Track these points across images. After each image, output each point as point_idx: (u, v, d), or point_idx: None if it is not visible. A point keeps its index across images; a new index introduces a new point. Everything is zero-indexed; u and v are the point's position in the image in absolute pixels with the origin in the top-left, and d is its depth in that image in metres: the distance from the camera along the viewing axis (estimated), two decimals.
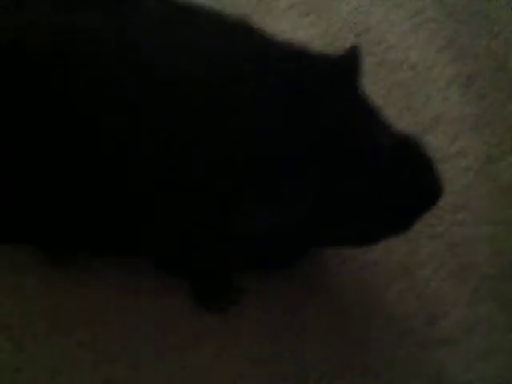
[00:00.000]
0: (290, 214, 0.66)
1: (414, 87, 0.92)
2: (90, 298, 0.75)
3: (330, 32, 0.96)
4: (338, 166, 0.65)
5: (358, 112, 0.68)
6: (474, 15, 0.99)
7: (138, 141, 0.67)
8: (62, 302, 0.75)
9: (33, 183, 0.70)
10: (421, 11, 0.98)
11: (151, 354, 0.73)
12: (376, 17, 0.98)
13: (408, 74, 0.93)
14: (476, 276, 0.79)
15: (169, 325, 0.74)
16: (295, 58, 0.68)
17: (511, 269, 0.79)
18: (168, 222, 0.70)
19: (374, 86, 0.91)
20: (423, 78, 0.93)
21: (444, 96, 0.91)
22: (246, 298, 0.75)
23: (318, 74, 0.67)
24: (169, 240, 0.71)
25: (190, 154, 0.66)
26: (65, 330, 0.73)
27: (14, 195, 0.72)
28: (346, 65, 0.69)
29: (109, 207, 0.70)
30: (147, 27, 0.69)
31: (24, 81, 0.68)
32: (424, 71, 0.93)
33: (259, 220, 0.66)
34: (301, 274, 0.77)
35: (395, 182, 0.67)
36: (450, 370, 0.73)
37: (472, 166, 0.86)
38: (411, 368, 0.73)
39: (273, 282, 0.76)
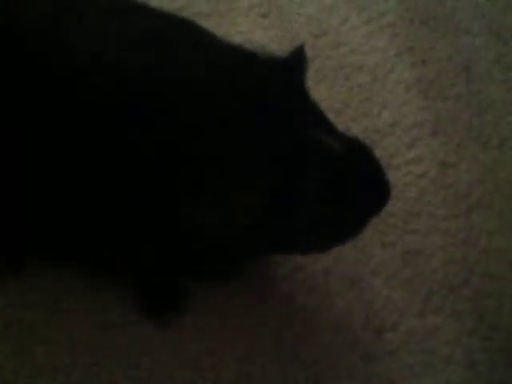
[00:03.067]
0: (236, 217, 0.65)
1: (372, 92, 0.91)
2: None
3: (288, 34, 0.95)
4: (283, 168, 0.64)
5: (301, 113, 0.66)
6: (434, 20, 0.98)
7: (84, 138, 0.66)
8: None
9: None
10: (381, 15, 0.97)
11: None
12: (336, 20, 0.97)
13: (366, 78, 0.92)
14: (427, 286, 0.78)
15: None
16: (237, 58, 0.67)
17: (463, 277, 0.79)
18: (114, 225, 0.68)
19: (332, 89, 0.90)
20: (382, 82, 0.92)
21: (402, 101, 0.90)
22: (190, 306, 0.74)
23: (259, 75, 0.66)
24: (115, 244, 0.70)
25: (136, 155, 0.65)
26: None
27: None
28: (291, 66, 0.67)
29: (51, 211, 0.69)
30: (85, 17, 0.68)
31: None
32: (383, 76, 0.92)
33: (206, 221, 0.65)
34: (249, 282, 0.76)
35: (342, 185, 0.65)
36: (397, 382, 0.72)
37: (427, 172, 0.85)
38: (358, 380, 0.72)
39: (220, 289, 0.75)
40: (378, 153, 0.84)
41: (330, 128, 0.68)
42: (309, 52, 0.92)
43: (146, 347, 0.72)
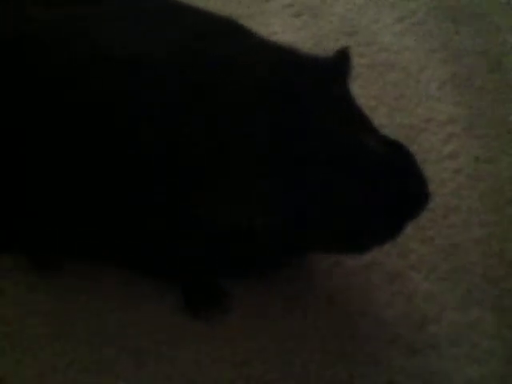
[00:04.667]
0: (268, 213, 0.65)
1: (405, 89, 0.91)
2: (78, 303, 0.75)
3: (321, 33, 0.96)
4: (322, 168, 0.64)
5: (345, 114, 0.67)
6: (466, 17, 0.98)
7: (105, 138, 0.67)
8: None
9: (17, 188, 0.70)
10: (413, 13, 0.98)
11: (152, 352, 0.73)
12: (368, 18, 0.98)
13: (399, 75, 0.93)
14: (467, 279, 0.78)
15: (156, 327, 0.74)
16: (284, 58, 0.68)
17: (503, 271, 0.79)
18: (150, 226, 0.69)
19: (366, 87, 0.91)
20: (415, 79, 0.92)
21: (435, 98, 0.91)
22: (234, 303, 0.75)
23: (306, 75, 0.66)
24: (155, 244, 0.71)
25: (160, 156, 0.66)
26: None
27: None
28: (336, 67, 0.68)
29: (91, 213, 0.69)
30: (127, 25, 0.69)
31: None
32: (415, 73, 0.93)
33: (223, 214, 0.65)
34: (291, 277, 0.76)
35: (382, 187, 0.66)
36: (439, 375, 0.72)
37: (463, 167, 0.85)
38: (401, 372, 0.72)
39: (262, 285, 0.75)
40: (413, 149, 0.85)
41: (371, 130, 0.69)
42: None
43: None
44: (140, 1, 0.72)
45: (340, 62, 0.69)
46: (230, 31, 0.71)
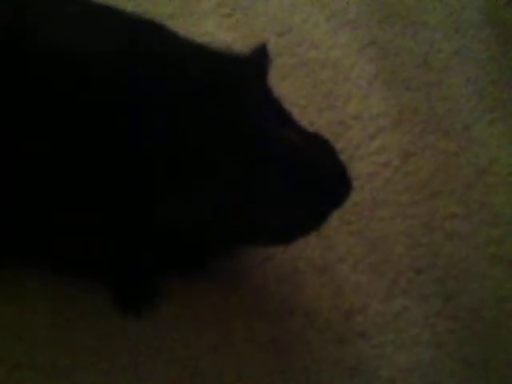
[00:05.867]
0: (197, 204, 0.67)
1: (335, 86, 0.94)
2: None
3: (253, 33, 0.98)
4: (244, 161, 0.66)
5: (263, 108, 0.68)
6: (393, 15, 1.01)
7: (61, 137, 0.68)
8: None
9: None
10: (342, 12, 1.00)
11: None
12: (299, 17, 1.00)
13: (330, 73, 0.95)
14: (394, 270, 0.80)
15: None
16: (201, 56, 0.69)
17: (428, 262, 0.81)
18: (88, 219, 0.70)
19: (296, 85, 0.93)
20: (344, 76, 0.94)
21: (365, 94, 0.93)
22: (164, 299, 0.76)
23: (224, 71, 0.68)
24: (87, 239, 0.72)
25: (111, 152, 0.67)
26: None
27: None
28: (255, 63, 0.70)
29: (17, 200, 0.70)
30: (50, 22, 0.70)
31: None
32: (345, 70, 0.95)
33: (175, 212, 0.67)
34: (220, 273, 0.78)
35: (303, 177, 0.68)
36: (368, 364, 0.75)
37: (391, 161, 0.88)
38: (330, 361, 0.74)
39: (191, 281, 0.76)
40: (342, 144, 0.88)
41: (291, 122, 0.71)
42: (273, 50, 0.95)
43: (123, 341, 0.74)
44: (64, 5, 0.73)
45: (258, 58, 0.70)
46: (154, 32, 0.72)
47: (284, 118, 0.70)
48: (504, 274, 0.81)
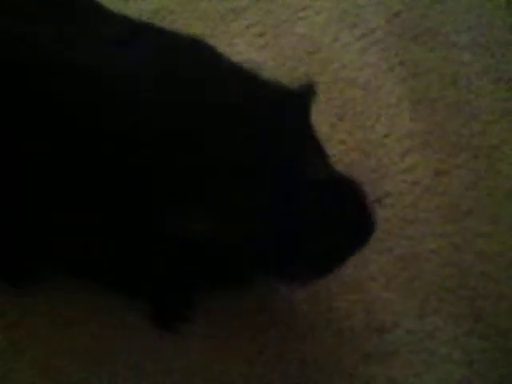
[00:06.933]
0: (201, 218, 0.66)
1: (364, 105, 0.94)
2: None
3: (283, 52, 0.99)
4: (266, 194, 0.65)
5: (302, 145, 0.69)
6: (422, 34, 1.01)
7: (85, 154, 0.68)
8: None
9: None
10: (371, 32, 1.01)
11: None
12: (329, 37, 1.01)
13: (359, 92, 0.95)
14: (425, 288, 0.80)
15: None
16: (248, 83, 0.70)
17: (459, 280, 0.81)
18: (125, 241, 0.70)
19: (327, 103, 0.94)
20: (374, 96, 0.95)
21: (393, 113, 0.94)
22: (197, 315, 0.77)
23: (269, 102, 0.68)
24: (131, 260, 0.72)
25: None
26: None
27: None
28: (300, 99, 0.70)
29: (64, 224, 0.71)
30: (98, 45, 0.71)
31: None
32: (374, 89, 0.96)
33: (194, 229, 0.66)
34: (251, 290, 0.78)
35: (325, 218, 0.67)
36: (398, 382, 0.75)
37: (421, 180, 0.88)
38: (360, 379, 0.74)
39: (224, 300, 0.77)
40: (372, 163, 0.89)
41: (323, 162, 0.71)
42: (303, 69, 0.97)
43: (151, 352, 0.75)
44: (104, 20, 0.74)
45: (304, 94, 0.70)
46: (197, 51, 0.73)
47: (317, 157, 0.70)
48: None
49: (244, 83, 0.70)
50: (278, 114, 0.68)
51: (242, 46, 1.00)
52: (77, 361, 0.74)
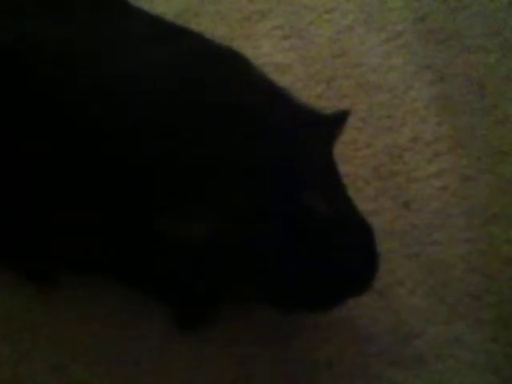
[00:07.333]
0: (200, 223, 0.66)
1: (391, 109, 0.94)
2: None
3: (309, 55, 0.99)
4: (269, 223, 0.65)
5: (321, 176, 0.68)
6: (449, 38, 1.01)
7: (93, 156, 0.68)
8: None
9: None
10: (398, 35, 1.01)
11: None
12: (355, 40, 1.00)
13: (385, 96, 0.95)
14: (452, 294, 0.80)
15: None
16: (278, 104, 0.69)
17: (485, 286, 0.81)
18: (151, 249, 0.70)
19: (353, 107, 0.93)
20: (400, 99, 0.95)
21: (421, 117, 0.93)
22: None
23: (297, 125, 0.67)
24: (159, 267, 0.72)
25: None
26: None
27: None
28: (329, 125, 0.69)
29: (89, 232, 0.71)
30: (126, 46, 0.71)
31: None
32: (401, 93, 0.95)
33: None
34: None
35: (326, 257, 0.67)
36: None
37: (448, 185, 0.88)
38: None
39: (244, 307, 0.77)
40: (399, 167, 0.88)
41: (342, 197, 0.69)
42: (329, 72, 0.97)
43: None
44: (138, 23, 0.74)
45: (335, 121, 0.70)
46: (231, 63, 0.72)
47: (335, 190, 0.69)
48: None
49: (271, 99, 0.70)
50: (297, 136, 0.66)
51: (266, 48, 1.00)
52: (77, 360, 0.75)
